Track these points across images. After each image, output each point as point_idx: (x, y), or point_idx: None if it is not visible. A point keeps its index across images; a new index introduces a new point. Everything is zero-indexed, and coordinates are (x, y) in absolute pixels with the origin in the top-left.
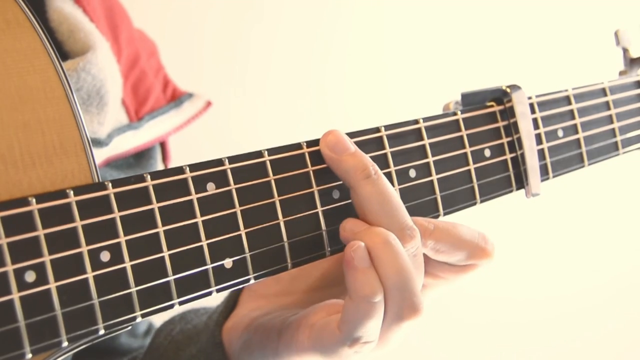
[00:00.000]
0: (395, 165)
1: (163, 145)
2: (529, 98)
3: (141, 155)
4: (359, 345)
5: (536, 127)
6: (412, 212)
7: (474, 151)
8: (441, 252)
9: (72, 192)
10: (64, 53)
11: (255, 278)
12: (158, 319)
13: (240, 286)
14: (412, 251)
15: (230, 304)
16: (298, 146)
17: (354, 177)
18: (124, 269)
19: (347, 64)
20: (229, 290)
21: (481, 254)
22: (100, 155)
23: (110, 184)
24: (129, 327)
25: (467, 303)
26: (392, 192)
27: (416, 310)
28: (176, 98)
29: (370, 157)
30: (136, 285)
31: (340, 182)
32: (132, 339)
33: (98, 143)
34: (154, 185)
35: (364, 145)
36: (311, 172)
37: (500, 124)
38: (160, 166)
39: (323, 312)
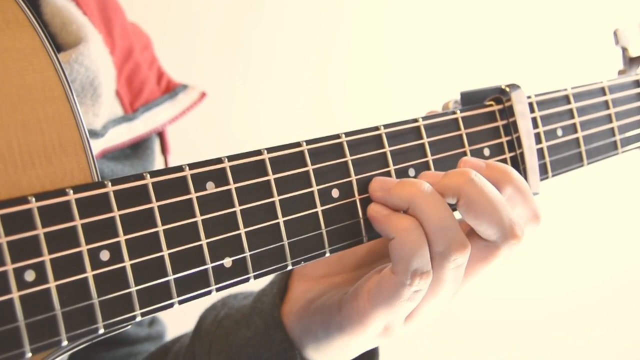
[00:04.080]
0: (394, 165)
1: (162, 138)
2: (528, 97)
3: (138, 146)
4: (418, 280)
5: (535, 126)
6: None
7: (473, 150)
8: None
9: (71, 191)
10: (57, 45)
11: (255, 277)
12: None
13: (240, 284)
14: (459, 263)
15: (283, 286)
16: (297, 145)
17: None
18: (124, 268)
19: (347, 62)
20: (271, 276)
21: (512, 233)
22: (96, 146)
23: (109, 183)
24: (129, 326)
25: (467, 303)
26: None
27: (463, 244)
28: (171, 90)
29: (370, 156)
30: (136, 285)
31: (340, 182)
32: (139, 329)
33: (94, 134)
34: (153, 184)
35: (363, 144)
36: (311, 171)
37: (500, 123)
38: (157, 157)
39: (375, 274)
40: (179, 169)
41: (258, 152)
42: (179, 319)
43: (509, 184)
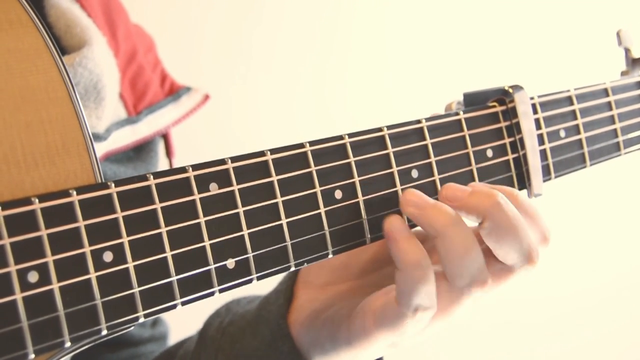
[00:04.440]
0: (397, 166)
1: (167, 141)
2: (531, 98)
3: (141, 149)
4: (420, 313)
5: (538, 127)
6: None
7: (476, 151)
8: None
9: (74, 192)
10: (61, 48)
11: (258, 278)
12: None
13: (243, 285)
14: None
15: (289, 296)
16: (301, 146)
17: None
18: (127, 269)
19: (349, 64)
20: (275, 279)
21: (530, 258)
22: (99, 149)
23: (112, 184)
24: (132, 328)
25: None
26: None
27: (485, 281)
28: (174, 92)
29: (373, 157)
30: (139, 286)
31: (343, 183)
32: (142, 329)
33: (97, 137)
34: (156, 185)
35: (366, 145)
36: (314, 172)
37: (503, 124)
38: (161, 159)
39: (383, 297)
40: (182, 170)
41: (261, 154)
42: (182, 320)
43: (518, 207)
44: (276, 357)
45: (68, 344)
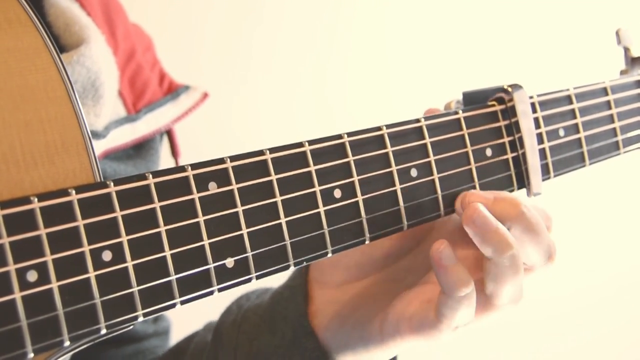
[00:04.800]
0: (396, 165)
1: (172, 141)
2: (530, 97)
3: (141, 147)
4: (460, 329)
5: (537, 126)
6: (413, 212)
7: (475, 150)
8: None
9: (73, 191)
10: (60, 47)
11: (257, 278)
12: None
13: (242, 285)
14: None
15: (306, 293)
16: (300, 145)
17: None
18: (126, 268)
19: (348, 62)
20: (279, 277)
21: (551, 257)
22: (98, 147)
23: (112, 183)
24: (131, 327)
25: None
26: (541, 220)
27: (522, 296)
28: (173, 91)
29: (372, 156)
30: (138, 285)
31: (342, 182)
32: (145, 325)
33: (95, 135)
34: (155, 184)
35: (365, 145)
36: (313, 172)
37: (502, 123)
38: (166, 158)
39: (416, 300)
40: (182, 169)
41: (260, 153)
42: (183, 315)
43: (520, 217)
44: (300, 354)
45: (67, 343)
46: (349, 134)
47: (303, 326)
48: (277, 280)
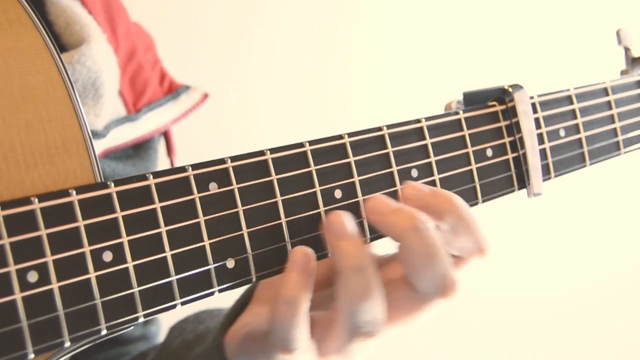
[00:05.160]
0: (397, 165)
1: (167, 139)
2: (531, 98)
3: (140, 146)
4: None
5: (538, 126)
6: None
7: (476, 151)
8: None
9: (74, 192)
10: (61, 45)
11: (258, 278)
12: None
13: (243, 286)
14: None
15: (237, 308)
16: (300, 145)
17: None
18: (127, 269)
19: (349, 62)
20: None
21: (480, 248)
22: (98, 146)
23: (112, 183)
24: (131, 327)
25: (467, 303)
26: (439, 245)
27: (453, 288)
28: (173, 90)
29: (373, 156)
30: (138, 286)
31: (342, 182)
32: (134, 328)
33: (95, 135)
34: (156, 184)
35: (365, 145)
36: (313, 172)
37: (502, 123)
38: (160, 157)
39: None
40: (182, 169)
41: (261, 153)
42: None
43: (453, 214)
44: None
45: (68, 344)
46: (350, 134)
47: (215, 339)
48: None
